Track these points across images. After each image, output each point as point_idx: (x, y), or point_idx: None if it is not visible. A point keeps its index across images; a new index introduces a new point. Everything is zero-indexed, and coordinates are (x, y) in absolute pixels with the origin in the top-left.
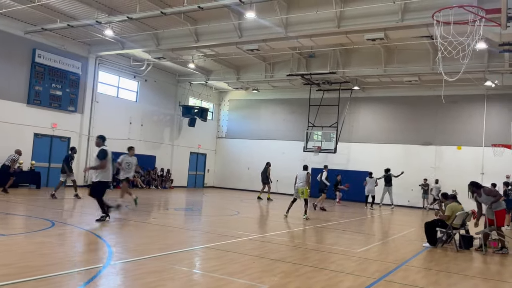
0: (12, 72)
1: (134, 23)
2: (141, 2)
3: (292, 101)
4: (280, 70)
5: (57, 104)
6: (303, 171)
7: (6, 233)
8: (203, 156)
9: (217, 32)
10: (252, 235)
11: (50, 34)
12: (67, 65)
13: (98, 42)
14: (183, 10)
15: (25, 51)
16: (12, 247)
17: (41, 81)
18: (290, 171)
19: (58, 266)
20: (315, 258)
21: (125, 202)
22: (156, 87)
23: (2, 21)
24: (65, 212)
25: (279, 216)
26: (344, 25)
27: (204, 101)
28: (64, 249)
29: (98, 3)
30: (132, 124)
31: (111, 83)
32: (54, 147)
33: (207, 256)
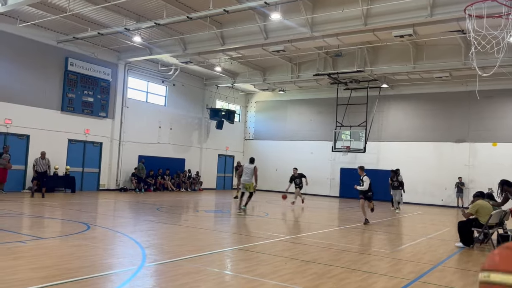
0: (46, 81)
1: (161, 29)
2: (168, 7)
3: (319, 101)
4: (307, 70)
5: (89, 111)
6: (249, 165)
7: (44, 236)
8: (231, 158)
9: (242, 34)
10: (282, 236)
11: (81, 43)
12: (98, 72)
13: (127, 49)
14: (208, 14)
15: (58, 60)
16: (51, 250)
17: (74, 88)
18: (319, 172)
19: (94, 268)
20: (347, 259)
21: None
22: (184, 91)
23: (36, 32)
24: (99, 215)
25: (309, 217)
26: (371, 22)
27: (231, 104)
28: (99, 252)
29: (126, 10)
30: (161, 128)
31: (140, 89)
32: (87, 152)
33: (238, 257)
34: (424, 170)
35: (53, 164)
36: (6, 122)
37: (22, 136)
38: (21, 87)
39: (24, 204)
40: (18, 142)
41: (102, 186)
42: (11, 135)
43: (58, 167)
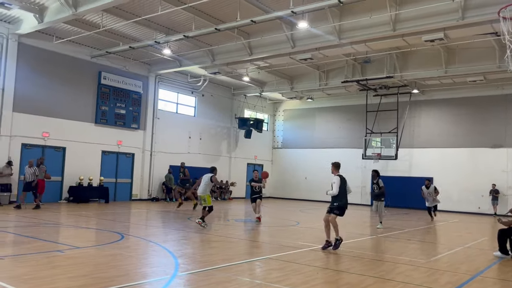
0: (81, 95)
1: (190, 41)
2: (196, 20)
3: (348, 108)
4: (335, 78)
5: (121, 122)
6: (207, 174)
7: (80, 245)
8: (260, 167)
9: (270, 44)
10: (313, 245)
11: (114, 57)
12: (129, 84)
13: (157, 61)
14: (236, 25)
15: (92, 74)
16: (87, 259)
17: (107, 101)
18: (349, 180)
19: (128, 277)
20: (381, 268)
21: None
22: (213, 101)
23: (71, 48)
24: (132, 225)
25: (340, 226)
26: (400, 27)
27: (259, 113)
28: (133, 261)
29: (156, 24)
30: (191, 138)
31: (170, 100)
32: (120, 163)
33: (269, 267)
34: (459, 176)
35: (87, 175)
36: (44, 135)
37: (59, 148)
38: (57, 101)
39: (61, 214)
40: (55, 154)
41: (134, 196)
42: (48, 147)
43: (92, 178)
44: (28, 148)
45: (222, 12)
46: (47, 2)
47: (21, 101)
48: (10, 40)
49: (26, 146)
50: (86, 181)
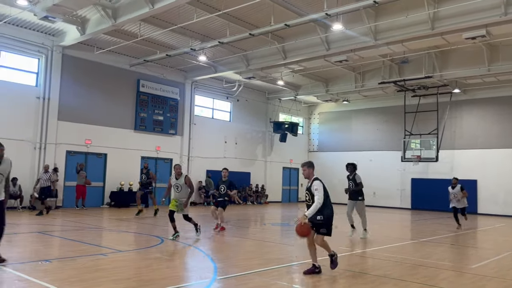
0: (120, 103)
1: (225, 47)
2: (231, 26)
3: (385, 110)
4: (371, 79)
5: (159, 129)
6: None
7: (122, 249)
8: (296, 170)
9: (304, 47)
10: (351, 250)
11: (151, 65)
12: (166, 91)
13: (193, 68)
14: (270, 29)
15: (131, 82)
16: (129, 262)
17: (145, 108)
18: (388, 183)
19: (169, 281)
20: (423, 274)
21: None
22: (248, 106)
23: (111, 57)
24: (171, 229)
25: (379, 231)
26: (439, 26)
27: (294, 116)
28: (173, 265)
29: (191, 31)
30: (227, 143)
31: (206, 106)
32: (159, 168)
33: None
34: (504, 178)
35: (128, 181)
36: (86, 142)
37: (100, 155)
38: (99, 110)
39: (103, 219)
40: (97, 160)
41: None
42: (90, 154)
43: (132, 183)
44: (72, 155)
45: (255, 17)
46: (88, 14)
47: (65, 110)
48: (55, 52)
49: (70, 153)
50: (126, 186)
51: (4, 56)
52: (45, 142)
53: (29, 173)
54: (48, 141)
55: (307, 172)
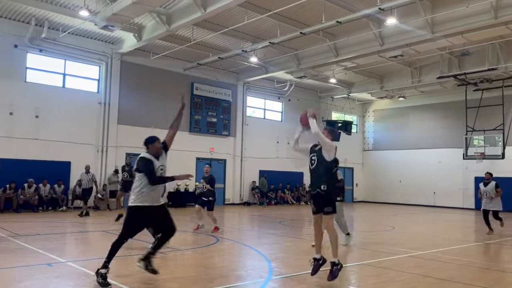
0: (175, 106)
1: (276, 47)
2: (281, 26)
3: (444, 105)
4: (429, 74)
5: (213, 130)
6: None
7: (180, 248)
8: (350, 170)
9: (356, 43)
10: (412, 251)
11: (204, 68)
12: (219, 94)
13: (245, 70)
14: (321, 27)
15: (185, 86)
16: (187, 261)
17: (199, 110)
18: (450, 182)
19: (226, 279)
20: (489, 278)
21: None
22: (300, 106)
23: (166, 62)
24: (226, 228)
25: (441, 232)
26: (503, 14)
27: (347, 114)
28: (229, 264)
29: (243, 33)
30: (279, 143)
31: (258, 106)
32: (213, 169)
33: (364, 273)
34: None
35: (184, 181)
36: None
37: None
38: (155, 113)
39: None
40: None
41: (227, 201)
42: None
43: (188, 184)
44: (131, 157)
45: (306, 16)
46: (144, 22)
47: (124, 114)
48: (114, 59)
49: (130, 155)
50: (183, 187)
51: (69, 65)
52: (106, 145)
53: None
54: (109, 144)
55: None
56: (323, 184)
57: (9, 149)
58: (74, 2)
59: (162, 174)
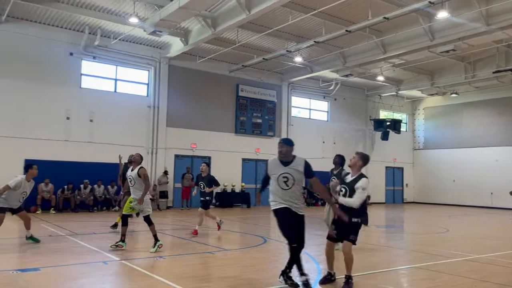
0: (221, 107)
1: (321, 46)
2: (326, 24)
3: (500, 101)
4: (483, 68)
5: (258, 131)
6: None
7: (228, 248)
8: (400, 170)
9: (405, 39)
10: (468, 255)
11: (249, 69)
12: (264, 95)
13: (289, 70)
14: (367, 24)
15: (230, 88)
16: (235, 261)
17: (244, 112)
18: (507, 181)
19: (274, 280)
20: None
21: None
22: (346, 105)
23: (212, 65)
24: (272, 229)
25: (500, 235)
26: None
27: (396, 113)
28: (277, 265)
29: (287, 33)
30: (325, 143)
31: (303, 106)
32: (259, 169)
33: (417, 276)
34: None
35: (230, 182)
36: (192, 146)
37: (205, 157)
38: (202, 115)
39: (209, 218)
40: (201, 163)
41: None
42: (196, 157)
43: (235, 184)
44: (179, 159)
45: (352, 13)
46: (190, 26)
47: (172, 117)
48: (162, 63)
49: (178, 156)
50: (229, 187)
51: (120, 71)
52: (156, 147)
53: None
54: (158, 146)
55: (356, 162)
56: (356, 217)
57: (66, 152)
58: (125, 9)
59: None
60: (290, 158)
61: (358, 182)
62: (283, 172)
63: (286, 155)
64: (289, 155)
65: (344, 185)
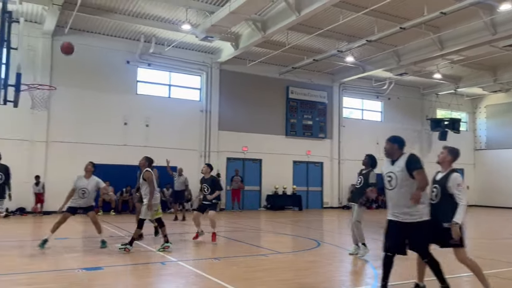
0: (272, 110)
1: (373, 45)
2: (379, 22)
3: None
4: None
5: (309, 133)
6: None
7: (281, 251)
8: (460, 171)
9: (464, 34)
10: None
11: (299, 71)
12: (314, 96)
13: (340, 70)
14: (423, 20)
15: (280, 90)
16: (288, 264)
17: (295, 114)
18: None
19: (329, 284)
20: None
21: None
22: (400, 104)
23: (261, 68)
24: (326, 232)
25: None
26: None
27: (454, 111)
28: (331, 269)
29: (337, 33)
30: (379, 144)
31: (355, 107)
32: (310, 172)
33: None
34: None
35: (281, 184)
36: (243, 149)
37: (256, 160)
38: (253, 118)
39: (261, 221)
40: (253, 166)
41: (325, 204)
42: (247, 160)
43: (286, 187)
44: (231, 162)
45: (406, 10)
46: (240, 30)
47: (224, 121)
48: (213, 68)
49: (230, 159)
50: (280, 190)
51: (174, 77)
52: (208, 150)
53: (196, 179)
54: (211, 150)
55: (444, 157)
56: (449, 221)
57: (124, 156)
58: (177, 17)
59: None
60: (395, 156)
61: (450, 180)
62: (388, 171)
63: (388, 152)
64: (392, 153)
65: (435, 184)
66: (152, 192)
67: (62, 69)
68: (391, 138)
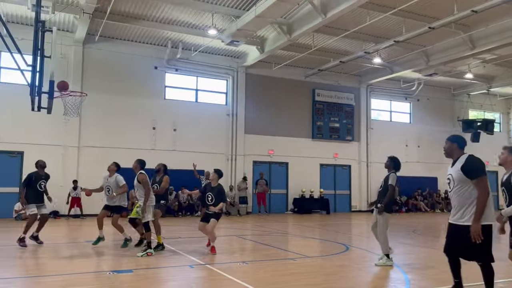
0: (298, 113)
1: (401, 45)
2: (407, 22)
3: None
4: None
5: (336, 136)
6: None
7: (309, 255)
8: (494, 173)
9: (496, 32)
10: None
11: (325, 73)
12: (341, 98)
13: (367, 72)
14: (453, 19)
15: (306, 93)
16: (317, 268)
17: (321, 116)
18: None
19: None
20: None
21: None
22: (430, 105)
23: (287, 71)
24: (354, 236)
25: None
26: None
27: (487, 112)
28: (361, 273)
29: (364, 34)
30: (408, 147)
31: (383, 109)
32: (338, 175)
33: None
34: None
35: (308, 188)
36: (269, 152)
37: (282, 163)
38: (279, 121)
39: (288, 224)
40: (279, 169)
41: (353, 208)
42: (273, 163)
43: (313, 190)
44: (258, 165)
45: (435, 9)
46: (266, 34)
47: (250, 124)
48: (239, 72)
49: (256, 163)
50: (307, 193)
51: (200, 81)
52: (235, 153)
53: (224, 182)
54: (237, 153)
55: (506, 158)
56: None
57: (153, 160)
58: (204, 22)
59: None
60: (455, 156)
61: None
62: (448, 173)
63: (447, 152)
64: (452, 153)
65: (503, 187)
66: (147, 194)
67: (92, 76)
68: (451, 137)
